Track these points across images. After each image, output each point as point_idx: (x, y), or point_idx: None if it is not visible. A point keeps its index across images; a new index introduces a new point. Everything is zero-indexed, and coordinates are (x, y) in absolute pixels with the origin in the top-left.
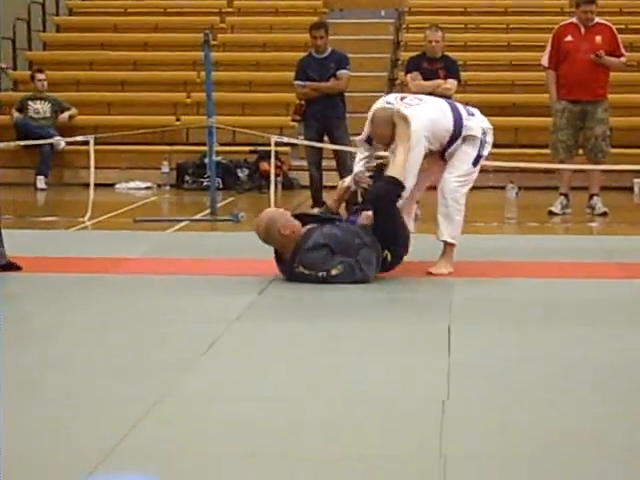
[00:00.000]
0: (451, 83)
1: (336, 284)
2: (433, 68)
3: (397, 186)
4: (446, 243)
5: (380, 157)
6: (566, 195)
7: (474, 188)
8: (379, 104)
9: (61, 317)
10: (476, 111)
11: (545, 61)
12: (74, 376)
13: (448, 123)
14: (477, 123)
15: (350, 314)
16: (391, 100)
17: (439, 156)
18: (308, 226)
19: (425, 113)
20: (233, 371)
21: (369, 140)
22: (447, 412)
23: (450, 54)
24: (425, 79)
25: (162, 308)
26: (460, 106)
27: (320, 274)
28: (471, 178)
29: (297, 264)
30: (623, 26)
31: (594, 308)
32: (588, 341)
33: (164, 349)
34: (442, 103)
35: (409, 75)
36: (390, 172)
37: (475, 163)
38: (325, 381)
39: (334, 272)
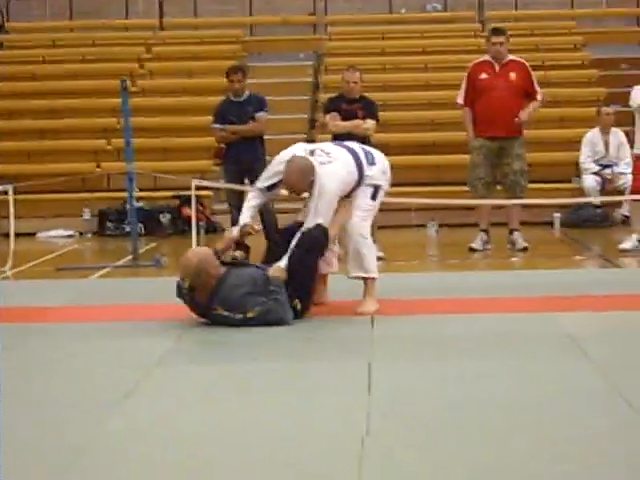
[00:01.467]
0: (370, 123)
1: (255, 326)
2: (352, 108)
3: (326, 237)
4: (365, 279)
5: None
6: (486, 231)
7: (396, 227)
8: (289, 154)
9: None
10: (377, 156)
11: (461, 99)
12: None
13: (353, 178)
14: (377, 171)
15: (270, 354)
16: (300, 152)
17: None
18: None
19: (337, 175)
20: (151, 415)
21: (270, 188)
22: (366, 449)
23: (369, 94)
24: (344, 119)
25: (82, 355)
26: (362, 154)
27: (238, 316)
28: (372, 211)
29: (215, 305)
30: (540, 62)
31: (511, 342)
32: (506, 374)
33: (84, 395)
34: (347, 158)
35: (328, 116)
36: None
37: (373, 197)
38: (243, 421)
39: (250, 315)
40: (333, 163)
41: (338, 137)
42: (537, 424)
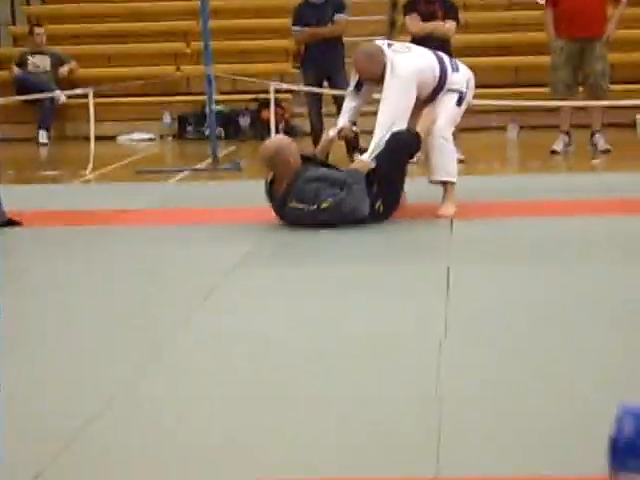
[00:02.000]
0: (450, 24)
1: (328, 223)
2: (430, 9)
3: (417, 142)
4: (445, 183)
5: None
6: (567, 133)
7: (475, 129)
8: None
9: (60, 269)
10: (461, 65)
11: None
12: (74, 326)
13: (434, 75)
14: (461, 78)
15: (348, 257)
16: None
17: (421, 104)
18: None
19: (413, 61)
20: (231, 317)
21: (358, 86)
22: (444, 353)
23: None
24: (423, 20)
25: (161, 258)
26: (447, 59)
27: (312, 207)
28: (456, 118)
29: (291, 198)
30: None
31: (593, 245)
32: (587, 278)
33: (163, 298)
34: (429, 55)
35: (407, 17)
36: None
37: (459, 103)
38: (323, 324)
39: (324, 205)
40: (410, 53)
41: (418, 38)
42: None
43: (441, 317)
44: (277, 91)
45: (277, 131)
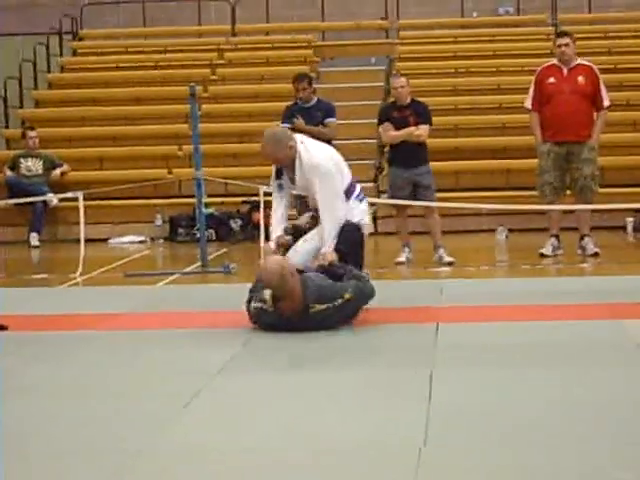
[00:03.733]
0: (422, 129)
1: (352, 313)
2: (402, 116)
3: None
4: None
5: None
6: (557, 236)
7: (466, 232)
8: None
9: (45, 372)
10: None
11: (528, 104)
12: (57, 429)
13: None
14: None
15: (332, 363)
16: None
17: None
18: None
19: (323, 149)
20: (214, 423)
21: (280, 185)
22: (423, 458)
23: (441, 98)
24: (397, 127)
25: (146, 362)
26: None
27: (337, 302)
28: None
29: (312, 304)
30: (612, 66)
31: (580, 349)
32: (571, 382)
33: (146, 402)
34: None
35: (381, 127)
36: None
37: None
38: (305, 430)
39: (347, 296)
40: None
41: (395, 146)
42: (607, 432)
43: (421, 424)
44: (267, 194)
45: (267, 234)
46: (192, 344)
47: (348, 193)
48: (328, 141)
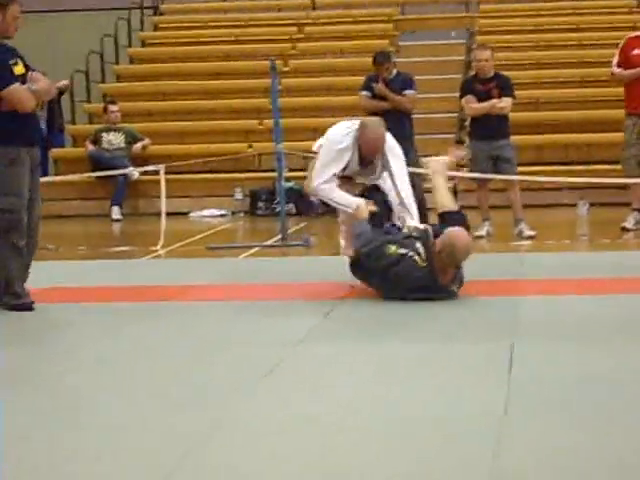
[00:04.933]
0: (505, 101)
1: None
2: (486, 89)
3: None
4: None
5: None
6: (639, 210)
7: (547, 206)
8: (337, 134)
9: (124, 345)
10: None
11: (615, 69)
12: (136, 398)
13: None
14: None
15: (411, 335)
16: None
17: None
18: None
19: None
20: (295, 393)
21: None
22: (504, 429)
23: (522, 72)
24: (480, 100)
25: (228, 333)
26: None
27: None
28: None
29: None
30: None
31: None
32: None
33: (228, 372)
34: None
35: (463, 99)
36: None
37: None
38: (386, 402)
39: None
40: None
41: (476, 118)
42: None
43: (502, 397)
44: None
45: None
46: (274, 315)
47: None
48: (407, 113)
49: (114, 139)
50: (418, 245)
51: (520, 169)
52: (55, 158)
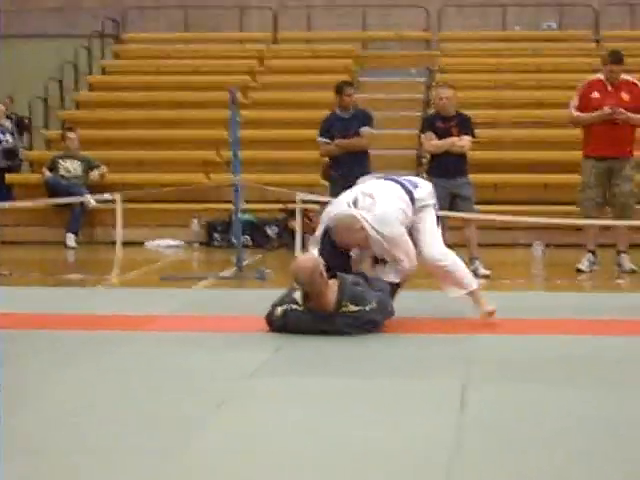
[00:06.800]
0: (465, 140)
1: (375, 325)
2: (446, 127)
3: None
4: (469, 293)
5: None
6: (593, 252)
7: (502, 245)
8: (335, 210)
9: (72, 375)
10: (419, 180)
11: (574, 112)
12: (87, 430)
13: (407, 203)
14: (425, 191)
15: (362, 370)
16: (343, 207)
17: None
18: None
19: (386, 209)
20: (244, 427)
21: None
22: (453, 464)
23: (481, 112)
24: (440, 137)
25: (178, 365)
26: (406, 181)
27: (367, 308)
28: (437, 230)
29: (345, 302)
30: None
31: (614, 365)
32: (605, 400)
33: (178, 405)
34: (392, 188)
35: (423, 135)
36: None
37: (437, 223)
38: (332, 434)
39: (371, 306)
40: (378, 203)
41: (436, 156)
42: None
43: (452, 434)
44: (305, 201)
45: (303, 242)
46: (226, 348)
47: (412, 200)
48: (364, 150)
49: (71, 166)
50: (295, 295)
51: (477, 207)
52: (11, 183)
